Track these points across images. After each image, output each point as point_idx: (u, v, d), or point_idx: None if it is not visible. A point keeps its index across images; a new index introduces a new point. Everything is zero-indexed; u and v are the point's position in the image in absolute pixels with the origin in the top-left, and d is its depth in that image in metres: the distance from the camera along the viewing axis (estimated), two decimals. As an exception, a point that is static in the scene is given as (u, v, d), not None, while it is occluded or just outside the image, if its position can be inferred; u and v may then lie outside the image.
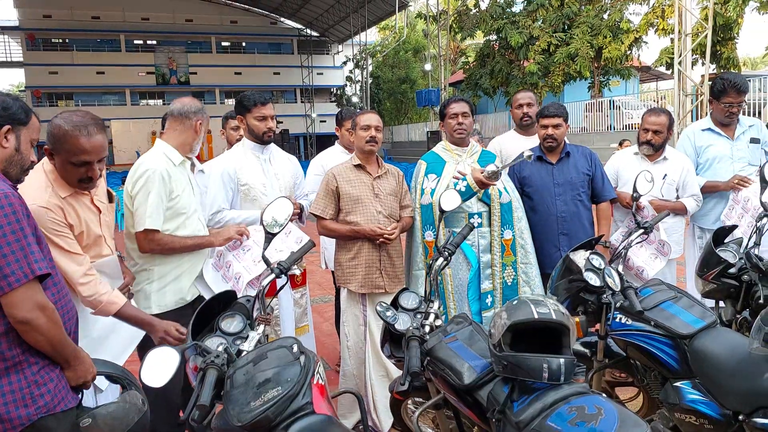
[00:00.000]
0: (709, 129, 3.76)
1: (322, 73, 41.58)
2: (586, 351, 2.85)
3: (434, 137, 20.10)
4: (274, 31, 42.21)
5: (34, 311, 1.63)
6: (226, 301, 2.28)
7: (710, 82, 3.85)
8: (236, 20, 40.80)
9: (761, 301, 2.70)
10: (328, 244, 4.13)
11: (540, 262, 3.41)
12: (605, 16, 18.36)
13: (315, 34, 40.36)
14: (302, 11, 36.77)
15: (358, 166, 3.23)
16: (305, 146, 39.31)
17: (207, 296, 2.74)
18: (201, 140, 2.82)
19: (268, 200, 3.05)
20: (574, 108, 18.90)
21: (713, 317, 2.35)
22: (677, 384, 2.25)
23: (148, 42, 39.60)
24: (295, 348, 1.93)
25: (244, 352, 2.01)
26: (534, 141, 3.76)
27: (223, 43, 41.88)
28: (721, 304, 3.13)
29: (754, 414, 1.92)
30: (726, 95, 3.60)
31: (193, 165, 3.41)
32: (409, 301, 2.44)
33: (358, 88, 36.24)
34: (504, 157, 3.91)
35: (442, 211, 2.55)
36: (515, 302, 1.87)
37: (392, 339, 2.43)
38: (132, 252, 2.72)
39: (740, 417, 1.98)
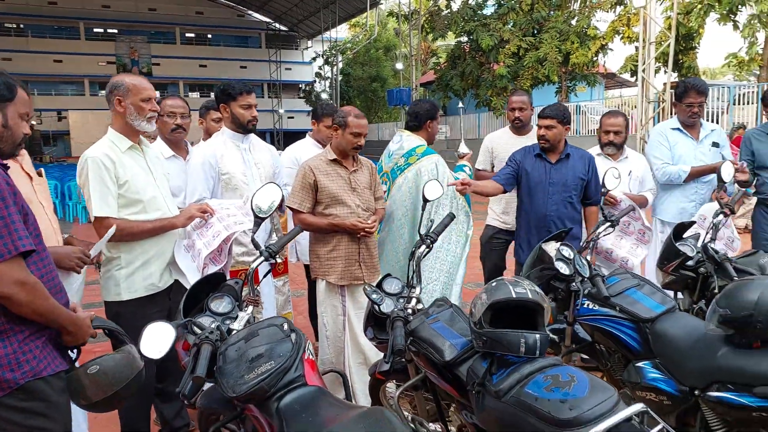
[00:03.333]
0: (678, 129, 4.01)
1: (290, 69, 41.39)
2: (555, 337, 3.01)
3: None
4: (241, 24, 41.80)
5: (12, 287, 1.66)
6: (214, 283, 2.36)
7: (672, 90, 4.13)
8: (202, 11, 40.26)
9: (716, 291, 2.90)
10: (300, 238, 4.19)
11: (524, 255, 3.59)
12: (573, 22, 18.81)
13: (284, 28, 40.12)
14: (271, 4, 36.49)
15: (334, 161, 3.27)
16: (272, 142, 38.99)
17: (183, 282, 2.78)
18: (138, 116, 2.63)
19: (249, 189, 3.14)
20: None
21: (673, 303, 2.54)
22: (639, 364, 2.42)
23: (109, 30, 38.72)
24: (286, 326, 2.03)
25: (234, 331, 2.10)
26: (525, 140, 3.95)
27: (188, 34, 41.29)
28: (680, 295, 3.35)
29: (709, 389, 2.09)
30: (687, 96, 3.86)
31: (186, 152, 3.45)
32: (392, 286, 2.57)
33: (327, 84, 36.16)
34: (495, 154, 4.13)
35: (425, 200, 2.67)
36: (494, 284, 2.00)
37: (376, 322, 2.54)
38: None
39: (696, 392, 2.16)
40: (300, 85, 43.37)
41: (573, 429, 1.53)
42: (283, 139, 37.80)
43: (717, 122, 14.13)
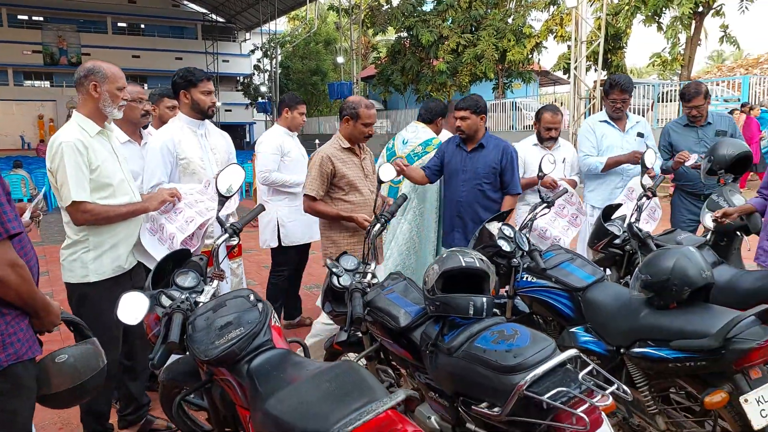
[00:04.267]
0: (605, 121, 4.34)
1: (228, 61, 40.54)
2: (497, 311, 3.25)
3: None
4: (176, 14, 40.59)
5: (5, 268, 1.69)
6: (180, 259, 2.44)
7: (601, 87, 4.51)
8: (135, 0, 38.81)
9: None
10: (286, 221, 4.34)
11: (440, 238, 3.90)
12: (510, 20, 19.44)
13: (221, 19, 39.28)
14: (207, -5, 35.70)
15: (348, 149, 3.43)
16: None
17: (146, 262, 2.86)
18: (112, 103, 2.70)
19: (206, 174, 3.22)
20: (480, 107, 19.85)
21: (602, 273, 2.82)
22: (572, 330, 2.68)
23: (35, 18, 36.70)
24: (252, 297, 2.15)
25: (201, 304, 2.20)
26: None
27: (120, 24, 39.72)
28: (608, 271, 3.67)
29: (632, 346, 2.36)
30: (612, 93, 4.22)
31: (140, 137, 3.47)
32: (348, 263, 2.73)
33: (266, 77, 35.69)
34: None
35: (380, 182, 2.84)
36: (445, 255, 2.20)
37: (333, 297, 2.70)
38: (66, 226, 2.74)
39: (622, 351, 2.43)
40: (238, 78, 42.60)
41: (517, 374, 1.74)
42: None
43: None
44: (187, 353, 2.07)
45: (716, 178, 3.73)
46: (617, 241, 3.44)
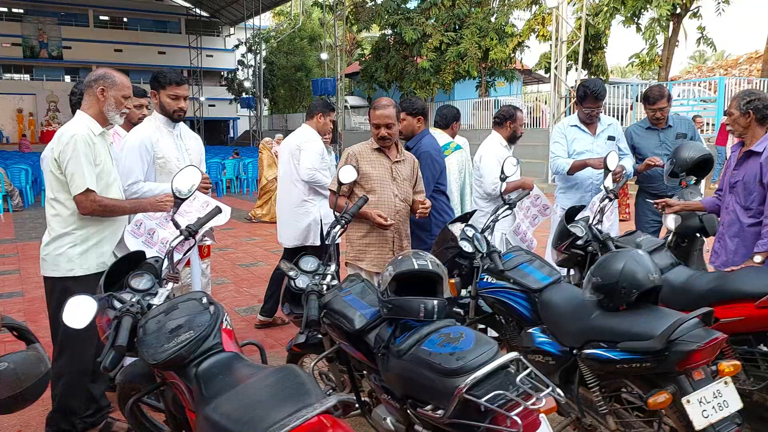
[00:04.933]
0: (576, 126, 4.32)
1: (212, 56, 40.28)
2: (460, 311, 3.29)
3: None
4: (159, 8, 40.23)
5: None
6: (135, 261, 2.44)
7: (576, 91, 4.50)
8: (117, -7, 38.41)
9: (600, 266, 3.27)
10: (328, 221, 4.30)
11: None
12: (492, 19, 19.52)
13: (205, 14, 38.99)
14: (192, -11, 35.39)
15: (378, 150, 3.36)
16: (192, 130, 37.74)
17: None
18: (115, 109, 2.85)
19: None
20: (463, 105, 19.95)
21: (558, 275, 2.86)
22: (530, 330, 2.72)
23: (14, 10, 36.18)
24: (204, 300, 2.16)
25: (154, 306, 2.20)
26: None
27: (102, 17, 39.28)
28: (572, 271, 3.72)
29: (584, 347, 2.40)
30: (586, 101, 4.18)
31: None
32: (308, 264, 2.74)
33: (250, 72, 35.49)
34: None
35: (340, 183, 2.86)
36: (400, 257, 2.22)
37: (292, 298, 2.71)
38: (53, 219, 2.80)
39: (574, 351, 2.47)
40: (222, 73, 42.33)
41: (458, 377, 1.77)
42: (204, 127, 36.77)
43: (622, 118, 15.18)
44: None
45: (678, 180, 3.79)
46: (580, 242, 3.48)
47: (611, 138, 4.37)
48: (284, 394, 1.59)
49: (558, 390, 1.68)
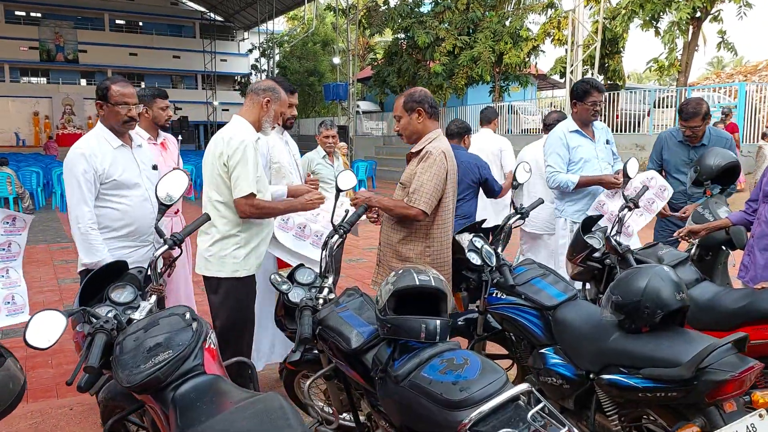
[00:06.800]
0: (576, 131, 3.97)
1: (225, 60, 40.41)
2: (462, 324, 3.09)
3: (341, 131, 20.20)
4: (174, 12, 40.45)
5: None
6: (116, 271, 2.28)
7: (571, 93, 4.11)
8: (133, -3, 38.71)
9: (619, 280, 3.06)
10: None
11: None
12: (507, 23, 19.28)
13: (219, 18, 39.10)
14: (206, -7, 35.56)
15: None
16: (205, 135, 37.90)
17: (285, 258, 3.22)
18: (272, 121, 2.95)
19: (293, 178, 3.47)
20: (476, 111, 19.72)
21: (574, 291, 2.65)
22: (542, 351, 2.52)
23: (32, 14, 36.56)
24: (188, 315, 1.98)
25: (135, 321, 2.04)
26: None
27: (118, 21, 39.58)
28: (588, 285, 3.50)
29: (602, 371, 2.20)
30: (590, 95, 3.84)
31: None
32: (304, 276, 2.56)
33: (263, 77, 35.52)
34: None
35: (338, 190, 2.68)
36: (401, 271, 2.03)
37: (286, 312, 2.53)
38: (218, 220, 2.84)
39: (591, 376, 2.27)
40: (236, 77, 42.43)
41: (462, 410, 1.58)
42: (218, 131, 36.69)
43: (639, 125, 14.89)
44: None
45: (702, 188, 3.56)
46: (596, 254, 3.27)
47: (607, 142, 4.09)
48: (263, 429, 1.41)
49: (575, 430, 1.48)
